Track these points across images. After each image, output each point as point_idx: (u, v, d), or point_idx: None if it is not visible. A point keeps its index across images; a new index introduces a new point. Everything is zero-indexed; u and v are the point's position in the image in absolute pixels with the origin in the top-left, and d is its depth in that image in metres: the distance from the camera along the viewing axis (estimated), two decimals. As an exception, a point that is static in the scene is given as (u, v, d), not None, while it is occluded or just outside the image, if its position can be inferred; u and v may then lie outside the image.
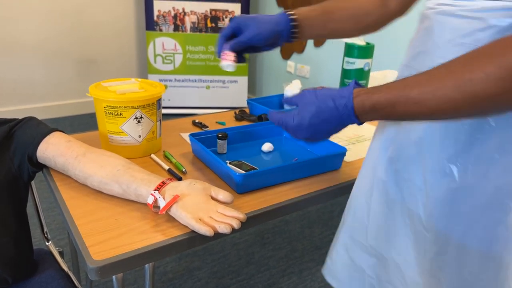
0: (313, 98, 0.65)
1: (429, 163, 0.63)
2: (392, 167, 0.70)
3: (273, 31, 0.78)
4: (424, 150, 0.64)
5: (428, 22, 0.64)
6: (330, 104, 0.62)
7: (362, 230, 0.78)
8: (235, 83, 3.26)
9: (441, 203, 0.62)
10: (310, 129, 0.65)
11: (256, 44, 0.80)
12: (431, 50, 0.63)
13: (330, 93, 0.63)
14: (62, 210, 0.81)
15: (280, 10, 3.14)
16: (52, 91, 3.16)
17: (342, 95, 0.61)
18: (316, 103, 0.64)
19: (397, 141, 0.69)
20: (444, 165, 0.61)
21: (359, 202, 0.79)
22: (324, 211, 2.14)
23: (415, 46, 0.67)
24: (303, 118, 0.65)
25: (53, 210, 2.01)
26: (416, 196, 0.66)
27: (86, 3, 3.08)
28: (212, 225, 0.71)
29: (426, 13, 0.65)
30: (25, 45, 2.95)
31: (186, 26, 3.07)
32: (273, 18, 0.79)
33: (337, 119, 0.62)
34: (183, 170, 0.97)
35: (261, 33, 0.78)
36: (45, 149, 0.87)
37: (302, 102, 0.66)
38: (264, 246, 1.85)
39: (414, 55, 0.67)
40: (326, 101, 0.63)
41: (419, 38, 0.66)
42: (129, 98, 0.96)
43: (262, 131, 1.17)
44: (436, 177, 0.62)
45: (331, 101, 0.62)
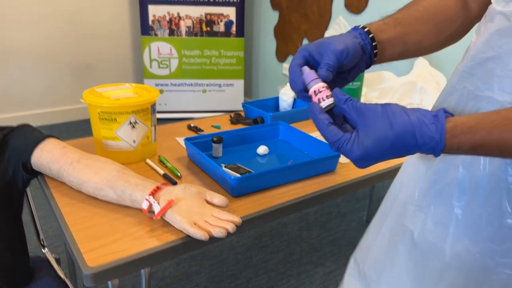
0: (385, 126, 0.50)
1: (482, 188, 0.55)
2: (422, 188, 0.62)
3: (355, 44, 0.61)
4: (478, 171, 0.55)
5: (504, 23, 0.53)
6: (410, 142, 0.49)
7: (365, 253, 0.73)
8: (231, 87, 3.26)
9: (491, 237, 0.54)
10: (373, 161, 0.53)
11: (345, 64, 0.61)
12: (504, 57, 0.52)
13: (411, 125, 0.49)
14: (57, 216, 0.80)
15: (275, 13, 3.15)
16: (46, 97, 3.15)
17: (430, 135, 0.48)
18: (391, 138, 0.49)
19: (441, 160, 0.60)
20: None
21: (376, 218, 0.73)
22: (321, 213, 2.14)
23: (481, 50, 0.56)
24: (367, 151, 0.51)
25: (50, 217, 2.00)
26: (446, 226, 0.58)
27: (80, 9, 3.08)
28: (207, 229, 0.71)
29: (501, 11, 0.55)
30: (19, 51, 2.95)
31: (181, 31, 3.08)
32: (346, 34, 0.63)
33: (410, 153, 0.51)
34: (178, 175, 0.97)
35: (347, 48, 0.59)
36: (39, 156, 0.87)
37: (366, 126, 0.51)
38: (262, 249, 1.85)
39: (480, 61, 0.56)
40: (406, 137, 0.49)
41: (488, 42, 0.55)
42: (123, 104, 0.96)
43: (257, 134, 1.17)
44: (487, 205, 0.54)
45: (412, 138, 0.49)
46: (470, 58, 0.58)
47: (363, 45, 0.62)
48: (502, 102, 0.52)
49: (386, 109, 0.51)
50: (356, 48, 0.60)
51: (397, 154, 0.51)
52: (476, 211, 0.55)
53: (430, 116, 0.49)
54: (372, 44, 0.63)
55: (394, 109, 0.51)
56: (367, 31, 0.63)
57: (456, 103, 0.59)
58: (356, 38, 0.62)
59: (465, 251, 0.56)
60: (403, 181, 0.69)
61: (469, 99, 0.57)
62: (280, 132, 1.21)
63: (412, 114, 0.50)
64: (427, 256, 0.60)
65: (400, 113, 0.50)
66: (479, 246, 0.55)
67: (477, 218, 0.55)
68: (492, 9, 0.57)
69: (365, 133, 0.51)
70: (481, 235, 0.55)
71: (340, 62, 0.59)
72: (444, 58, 2.00)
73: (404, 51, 0.66)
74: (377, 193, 2.35)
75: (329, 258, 1.80)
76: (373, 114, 0.51)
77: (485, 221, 0.54)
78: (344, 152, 0.53)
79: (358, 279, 0.73)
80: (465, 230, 0.56)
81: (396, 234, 0.65)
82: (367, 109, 0.52)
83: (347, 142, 0.52)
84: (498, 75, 0.50)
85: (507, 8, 0.54)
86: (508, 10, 0.53)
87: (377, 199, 2.28)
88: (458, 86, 0.59)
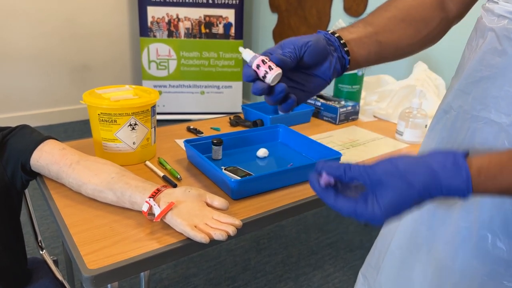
0: (405, 186, 0.46)
1: (487, 206, 0.54)
2: (430, 207, 0.61)
3: (318, 38, 0.59)
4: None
5: (501, 41, 0.52)
6: (435, 194, 0.46)
7: (374, 270, 0.72)
8: (229, 89, 3.26)
9: (499, 259, 0.53)
10: (397, 217, 0.49)
11: (305, 57, 0.58)
12: (499, 77, 0.52)
13: (433, 180, 0.45)
14: (56, 218, 0.80)
15: (274, 15, 3.16)
16: (46, 98, 3.14)
17: (457, 187, 0.44)
18: (415, 196, 0.46)
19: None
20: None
21: (383, 234, 0.72)
22: (320, 216, 2.14)
23: (475, 68, 0.55)
24: (390, 211, 0.46)
25: (47, 218, 1.99)
26: (456, 247, 0.56)
27: (79, 10, 3.07)
28: (208, 232, 0.71)
29: (492, 28, 0.54)
30: (19, 52, 2.94)
31: (180, 32, 3.08)
32: (314, 34, 0.61)
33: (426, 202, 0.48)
34: (178, 177, 0.97)
35: (307, 40, 0.57)
36: (38, 157, 0.87)
37: (384, 188, 0.47)
38: (260, 252, 1.85)
39: (475, 80, 0.55)
40: (431, 192, 0.46)
41: (482, 60, 0.54)
42: (123, 105, 0.96)
43: (257, 137, 1.17)
44: (493, 225, 0.53)
45: (437, 191, 0.46)
46: (464, 76, 0.57)
47: (327, 41, 0.60)
48: (500, 124, 0.52)
49: (399, 167, 0.47)
50: (319, 41, 0.58)
51: (422, 205, 0.48)
52: (481, 233, 0.54)
53: (450, 165, 0.45)
54: (340, 42, 0.60)
55: (409, 162, 0.47)
56: (332, 32, 0.61)
57: (453, 122, 0.59)
58: (323, 38, 0.60)
59: (474, 272, 0.55)
60: None
61: (465, 119, 0.57)
62: (279, 135, 1.21)
63: (428, 166, 0.46)
64: (440, 277, 0.60)
65: (417, 166, 0.46)
66: (487, 268, 0.54)
67: (483, 239, 0.54)
68: (483, 25, 0.56)
69: (384, 195, 0.46)
70: (488, 257, 0.54)
71: (300, 52, 0.57)
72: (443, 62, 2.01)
73: (381, 51, 0.64)
74: (375, 196, 2.36)
75: (327, 261, 1.80)
76: (389, 177, 0.46)
77: (491, 243, 0.54)
78: (365, 218, 0.48)
79: None
80: (473, 252, 0.55)
81: (410, 253, 0.64)
82: (379, 172, 0.47)
83: (363, 206, 0.47)
84: (493, 95, 0.49)
85: (499, 24, 0.53)
86: (498, 26, 0.53)
87: (375, 202, 2.28)
88: (453, 104, 0.59)
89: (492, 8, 0.55)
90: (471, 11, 0.67)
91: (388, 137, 1.31)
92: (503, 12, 0.52)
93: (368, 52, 0.63)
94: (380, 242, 0.74)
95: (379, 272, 0.71)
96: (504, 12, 0.52)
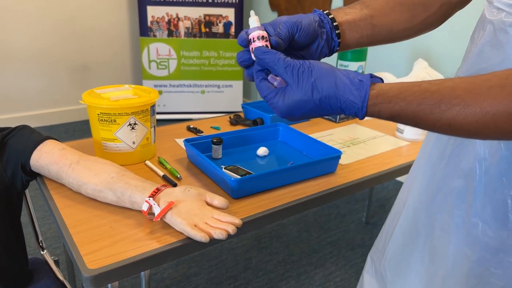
0: (310, 89, 0.51)
1: (479, 198, 0.54)
2: (428, 195, 0.63)
3: (310, 20, 0.59)
4: (475, 182, 0.55)
5: (497, 33, 0.53)
6: (334, 105, 0.51)
7: (380, 254, 0.73)
8: (230, 88, 3.26)
9: (486, 246, 0.54)
10: (297, 118, 0.55)
11: (298, 39, 0.59)
12: (495, 69, 0.51)
13: (335, 90, 0.50)
14: (56, 218, 0.80)
15: (273, 14, 3.15)
16: (45, 98, 3.14)
17: (353, 101, 0.49)
18: (316, 101, 0.51)
19: (443, 168, 0.61)
20: (500, 204, 0.52)
21: (390, 219, 0.74)
22: (321, 214, 2.14)
23: (475, 60, 0.56)
24: (291, 108, 0.53)
25: (49, 218, 2.00)
26: (449, 234, 0.58)
27: (79, 10, 3.07)
28: (208, 231, 0.71)
29: (491, 20, 0.54)
30: (18, 52, 2.94)
31: (180, 32, 3.08)
32: (308, 14, 0.62)
33: (335, 114, 0.53)
34: (178, 176, 0.96)
35: (299, 21, 0.58)
36: (38, 157, 0.87)
37: (294, 84, 0.52)
38: (261, 251, 1.84)
39: (473, 72, 0.55)
40: (330, 101, 0.50)
41: (481, 53, 0.55)
42: (123, 105, 0.96)
43: (257, 136, 1.17)
44: (484, 215, 0.54)
45: (336, 102, 0.50)
46: (465, 68, 0.58)
47: (320, 23, 0.60)
48: None
49: (313, 70, 0.51)
50: (311, 23, 0.59)
51: (322, 114, 0.53)
52: (472, 220, 0.55)
53: (357, 80, 0.50)
54: (332, 24, 0.60)
55: (322, 72, 0.51)
56: (327, 13, 0.61)
57: None
58: (314, 17, 0.60)
59: (465, 258, 0.56)
60: (411, 186, 0.69)
61: None
62: (280, 134, 1.21)
63: (339, 77, 0.51)
64: (434, 262, 0.61)
65: (328, 76, 0.51)
66: (476, 255, 0.55)
67: (474, 227, 0.55)
68: (484, 17, 0.56)
69: (291, 92, 0.52)
70: (478, 244, 0.55)
71: (292, 34, 0.58)
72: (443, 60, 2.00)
73: (374, 35, 0.63)
74: (376, 194, 2.35)
75: (329, 260, 1.80)
76: (301, 73, 0.52)
77: (481, 231, 0.54)
78: (271, 105, 0.55)
79: (375, 277, 0.74)
80: (465, 238, 0.56)
81: (410, 239, 0.66)
82: (294, 67, 0.52)
83: (273, 96, 0.54)
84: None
85: (497, 16, 0.53)
86: (496, 19, 0.53)
87: (376, 200, 2.28)
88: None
89: (492, 0, 0.55)
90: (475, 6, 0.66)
91: (388, 135, 1.31)
92: (501, 5, 0.52)
93: (360, 35, 0.63)
94: (387, 227, 0.75)
95: (383, 255, 0.73)
96: (502, 5, 0.52)
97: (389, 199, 2.30)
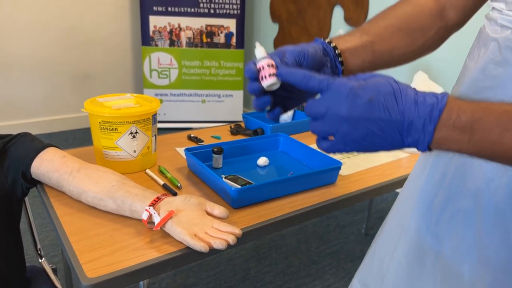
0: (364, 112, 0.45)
1: (489, 219, 0.53)
2: (433, 215, 0.61)
3: (315, 48, 0.60)
4: (484, 203, 0.54)
5: (502, 51, 0.52)
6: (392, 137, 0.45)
7: (377, 278, 0.71)
8: (230, 97, 3.27)
9: (500, 269, 0.53)
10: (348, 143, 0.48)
11: (304, 66, 0.59)
12: (501, 87, 0.51)
13: (395, 120, 0.44)
14: (56, 226, 0.80)
15: (275, 25, 3.18)
16: (46, 106, 3.15)
17: (416, 130, 0.44)
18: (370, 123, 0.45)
19: (447, 188, 0.59)
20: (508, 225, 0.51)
21: (384, 242, 0.72)
22: (320, 225, 2.13)
23: (477, 78, 0.55)
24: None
25: (47, 226, 1.99)
26: (462, 254, 0.56)
27: (82, 18, 3.10)
28: (207, 241, 0.70)
29: (495, 38, 0.54)
30: (20, 60, 2.96)
31: (181, 41, 3.10)
32: (311, 44, 0.62)
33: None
34: (178, 185, 0.96)
35: (305, 50, 0.58)
36: (39, 165, 0.87)
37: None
38: (260, 261, 1.83)
39: (476, 90, 0.55)
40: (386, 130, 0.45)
41: (484, 70, 0.54)
42: (125, 114, 0.96)
43: (258, 145, 1.18)
44: (495, 237, 0.53)
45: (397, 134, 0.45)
46: (466, 86, 0.57)
47: (323, 51, 0.60)
48: None
49: (367, 85, 0.46)
50: (316, 51, 0.59)
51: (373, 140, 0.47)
52: (484, 241, 0.54)
53: (423, 102, 0.44)
54: (335, 52, 0.61)
55: (378, 89, 0.45)
56: (329, 42, 0.62)
57: None
58: (318, 46, 0.61)
59: (481, 279, 0.55)
60: (407, 208, 0.68)
61: None
62: (280, 144, 1.21)
63: (402, 93, 0.45)
64: (449, 282, 0.60)
65: (382, 91, 0.45)
66: (491, 276, 0.54)
67: (486, 248, 0.54)
68: (486, 34, 0.56)
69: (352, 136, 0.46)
70: (491, 266, 0.54)
71: (299, 62, 0.57)
72: (443, 72, 2.01)
73: (375, 60, 0.63)
74: (376, 205, 2.35)
75: (328, 271, 1.79)
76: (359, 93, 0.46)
77: (493, 252, 0.53)
78: (341, 150, 0.49)
79: None
80: (478, 259, 0.55)
81: (417, 260, 0.64)
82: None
83: (339, 146, 0.48)
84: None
85: (502, 34, 0.53)
86: (501, 37, 0.52)
87: (375, 212, 2.28)
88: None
89: (495, 17, 0.55)
90: (473, 21, 0.68)
91: (388, 146, 1.31)
92: (506, 22, 0.52)
93: (362, 61, 0.63)
94: (381, 250, 0.74)
95: (384, 279, 0.71)
96: (507, 22, 0.52)
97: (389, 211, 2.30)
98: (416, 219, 0.65)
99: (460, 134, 0.42)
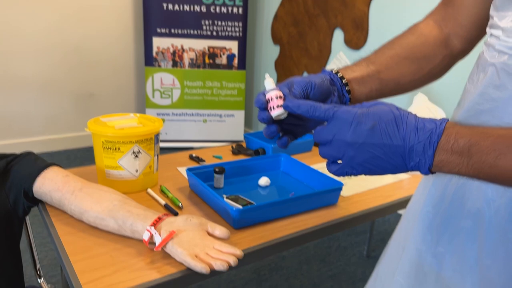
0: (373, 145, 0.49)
1: (491, 239, 0.53)
2: (433, 236, 0.62)
3: (322, 79, 0.62)
4: (485, 223, 0.54)
5: (500, 76, 0.54)
6: (394, 161, 0.48)
7: None
8: (232, 117, 3.29)
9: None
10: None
11: (312, 97, 0.61)
12: (499, 110, 0.53)
13: (396, 150, 0.47)
14: (57, 246, 0.79)
15: (276, 47, 3.23)
16: (49, 124, 3.17)
17: (415, 156, 0.47)
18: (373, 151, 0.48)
19: (447, 209, 0.60)
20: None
21: (386, 265, 0.72)
22: (321, 247, 2.11)
23: (476, 101, 0.57)
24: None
25: (46, 246, 1.97)
26: (463, 275, 0.56)
27: (85, 39, 3.15)
28: (208, 262, 0.70)
29: (493, 63, 0.55)
30: (24, 79, 2.99)
31: (184, 62, 3.14)
32: (319, 75, 0.65)
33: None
34: (179, 205, 0.96)
35: (312, 81, 0.60)
36: (41, 184, 0.87)
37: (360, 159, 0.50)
38: (260, 284, 1.81)
39: (476, 113, 0.56)
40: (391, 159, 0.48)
41: (483, 94, 0.56)
42: (128, 133, 0.97)
43: (259, 166, 1.18)
44: (497, 257, 0.53)
45: (400, 158, 0.48)
46: (466, 109, 0.59)
47: (330, 81, 0.63)
48: None
49: (370, 113, 0.49)
50: (323, 81, 0.61)
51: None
52: (486, 262, 0.55)
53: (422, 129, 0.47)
54: (342, 81, 0.64)
55: (380, 118, 0.49)
56: (336, 72, 0.64)
57: None
58: (325, 76, 0.63)
59: None
60: (409, 228, 0.68)
61: None
62: (281, 164, 1.22)
63: (401, 119, 0.48)
64: None
65: (384, 120, 0.48)
66: None
67: (488, 269, 0.54)
68: (484, 60, 0.58)
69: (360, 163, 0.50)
70: (494, 286, 0.54)
71: (306, 92, 0.60)
72: (443, 95, 2.03)
73: (382, 88, 0.66)
74: (378, 227, 2.33)
75: (329, 294, 1.76)
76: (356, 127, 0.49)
77: (495, 273, 0.54)
78: (351, 172, 0.53)
79: None
80: (479, 280, 0.55)
81: (417, 281, 0.64)
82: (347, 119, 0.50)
83: (347, 169, 0.52)
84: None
85: (500, 59, 0.54)
86: (499, 62, 0.54)
87: (377, 233, 2.26)
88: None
89: (493, 43, 0.57)
90: None
91: (389, 167, 1.31)
92: (503, 48, 0.54)
93: (369, 90, 0.66)
94: (382, 272, 0.73)
95: None
96: (505, 48, 0.54)
97: (391, 232, 2.27)
98: (416, 240, 0.65)
99: (458, 157, 0.45)
